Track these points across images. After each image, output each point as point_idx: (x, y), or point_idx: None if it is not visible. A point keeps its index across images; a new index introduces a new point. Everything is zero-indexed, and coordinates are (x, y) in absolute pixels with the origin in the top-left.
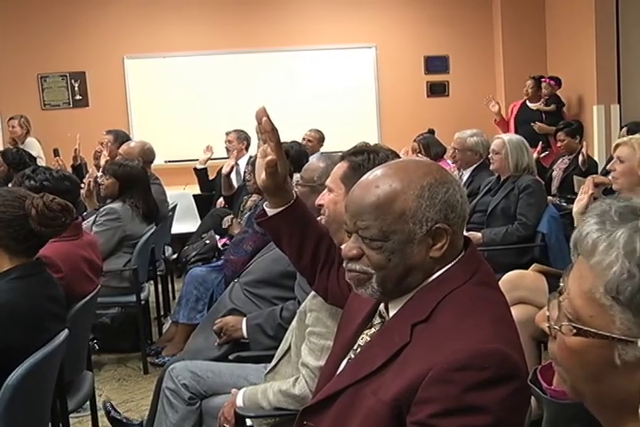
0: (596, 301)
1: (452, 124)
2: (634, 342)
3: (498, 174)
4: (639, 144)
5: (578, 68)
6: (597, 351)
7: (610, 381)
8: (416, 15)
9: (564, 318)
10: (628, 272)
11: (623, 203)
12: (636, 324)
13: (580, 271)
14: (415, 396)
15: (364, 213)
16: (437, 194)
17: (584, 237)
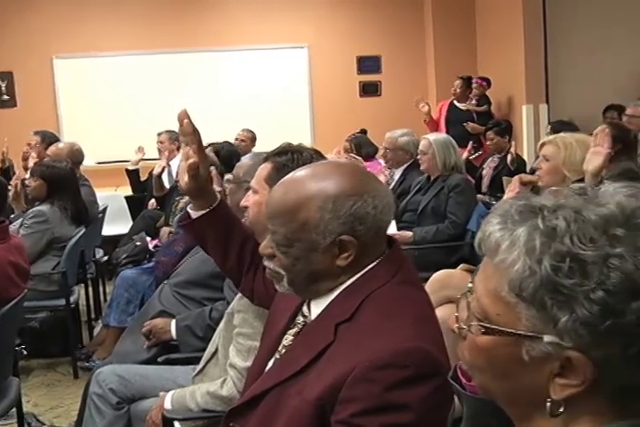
0: (502, 299)
1: (385, 124)
2: (540, 338)
3: (428, 174)
4: (564, 143)
5: (507, 69)
6: (506, 349)
7: (518, 377)
8: (348, 15)
9: (473, 318)
10: (529, 269)
11: (523, 202)
12: (540, 320)
13: (485, 271)
14: (339, 395)
15: (273, 218)
16: (343, 207)
17: (487, 236)
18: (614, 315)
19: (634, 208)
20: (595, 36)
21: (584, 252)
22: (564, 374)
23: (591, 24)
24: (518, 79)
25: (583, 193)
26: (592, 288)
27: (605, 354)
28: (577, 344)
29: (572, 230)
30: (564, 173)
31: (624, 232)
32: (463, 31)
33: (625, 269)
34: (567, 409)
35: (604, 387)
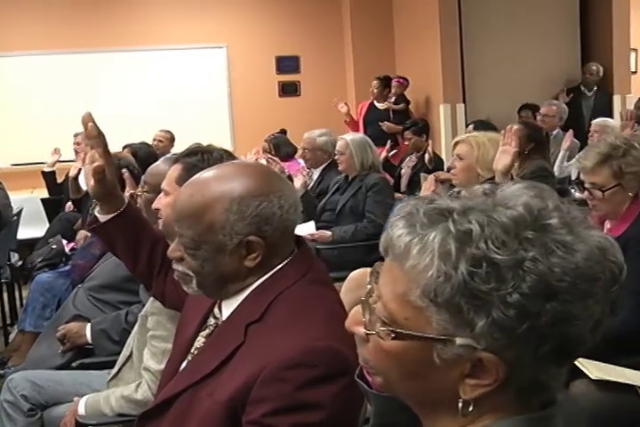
0: (411, 303)
1: (304, 124)
2: (452, 341)
3: (346, 173)
4: (476, 142)
5: (424, 69)
6: (416, 353)
7: (428, 379)
8: (266, 15)
9: (378, 322)
10: (444, 275)
11: (431, 205)
12: (453, 323)
13: (392, 274)
14: (250, 395)
15: (180, 221)
16: (248, 208)
17: (395, 240)
18: (530, 317)
19: (540, 209)
20: (510, 36)
21: (499, 256)
22: (475, 375)
23: (507, 25)
24: (435, 79)
25: (489, 194)
26: (508, 292)
27: (518, 354)
28: (491, 346)
29: (486, 235)
30: (477, 171)
31: (534, 234)
32: (381, 31)
33: (539, 271)
34: (475, 407)
35: (512, 384)
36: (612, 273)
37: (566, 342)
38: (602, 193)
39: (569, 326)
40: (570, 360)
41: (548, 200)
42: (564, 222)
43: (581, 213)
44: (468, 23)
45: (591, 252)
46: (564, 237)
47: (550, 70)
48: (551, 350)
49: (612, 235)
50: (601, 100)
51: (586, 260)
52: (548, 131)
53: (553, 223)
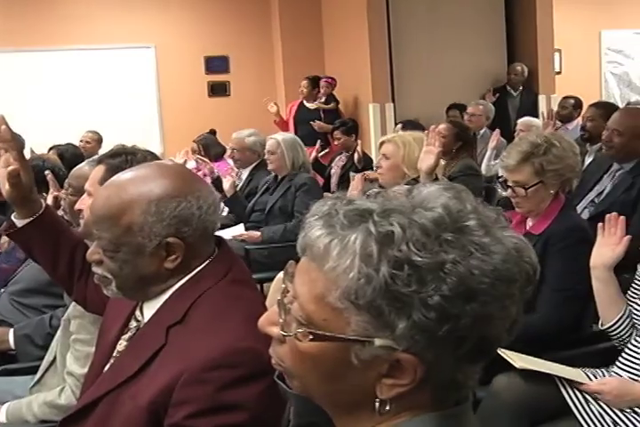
0: (330, 304)
1: (234, 124)
2: (371, 342)
3: (275, 173)
4: (402, 141)
5: (353, 69)
6: (334, 354)
7: (345, 379)
8: (195, 16)
9: (295, 322)
10: (366, 277)
11: (350, 206)
12: (373, 325)
13: (309, 275)
14: (171, 398)
15: (97, 223)
16: (166, 209)
17: (314, 240)
18: (450, 319)
19: (458, 210)
20: (438, 37)
21: (420, 259)
22: (393, 375)
23: (435, 26)
24: (364, 79)
25: (407, 195)
26: (429, 294)
27: (437, 355)
28: (411, 347)
29: (408, 237)
30: (403, 170)
31: (454, 236)
32: (310, 31)
33: (459, 273)
34: (392, 406)
35: (429, 383)
36: (527, 274)
37: (484, 342)
38: (524, 191)
39: (487, 327)
40: (485, 359)
41: (465, 201)
42: (481, 224)
43: (495, 214)
44: (396, 23)
45: (508, 253)
46: (482, 239)
47: (477, 71)
48: (469, 350)
49: (534, 232)
50: (526, 100)
51: (503, 261)
52: (475, 130)
53: (471, 225)
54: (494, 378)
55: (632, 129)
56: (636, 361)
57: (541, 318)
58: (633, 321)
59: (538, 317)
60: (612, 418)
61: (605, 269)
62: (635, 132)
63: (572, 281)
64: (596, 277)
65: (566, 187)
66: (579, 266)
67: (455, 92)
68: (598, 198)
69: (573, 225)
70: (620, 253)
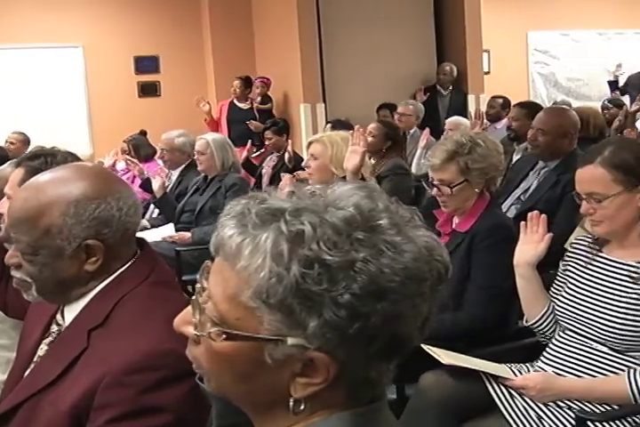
0: (243, 304)
1: (165, 125)
2: (283, 342)
3: (205, 174)
4: (330, 141)
5: (284, 69)
6: (247, 353)
7: (259, 379)
8: (124, 15)
9: (209, 322)
10: (277, 276)
11: (263, 205)
12: (286, 324)
13: (222, 275)
14: (93, 402)
15: (15, 226)
16: (85, 211)
17: (226, 240)
18: (361, 317)
19: (370, 209)
20: (369, 37)
21: (331, 257)
22: (306, 374)
23: (364, 26)
24: (295, 79)
25: (320, 195)
26: (340, 293)
27: (349, 353)
28: (323, 346)
29: (318, 236)
30: (332, 170)
31: (365, 235)
32: (240, 31)
33: (369, 272)
34: (307, 405)
35: (342, 382)
36: (439, 273)
37: (396, 340)
38: (450, 189)
39: (398, 325)
40: (398, 358)
41: (377, 201)
42: (393, 223)
43: (409, 213)
44: (326, 24)
45: (419, 252)
46: (394, 238)
47: (408, 71)
48: (381, 348)
49: (460, 230)
50: (456, 100)
51: (414, 260)
52: (405, 130)
53: (383, 224)
54: (421, 376)
55: (556, 128)
56: (560, 356)
57: (468, 315)
58: (556, 317)
59: (464, 314)
60: (536, 413)
61: (528, 266)
62: (558, 132)
63: (497, 279)
64: (520, 274)
65: (491, 185)
66: (503, 264)
67: (386, 92)
68: (524, 196)
69: (498, 223)
70: (543, 250)
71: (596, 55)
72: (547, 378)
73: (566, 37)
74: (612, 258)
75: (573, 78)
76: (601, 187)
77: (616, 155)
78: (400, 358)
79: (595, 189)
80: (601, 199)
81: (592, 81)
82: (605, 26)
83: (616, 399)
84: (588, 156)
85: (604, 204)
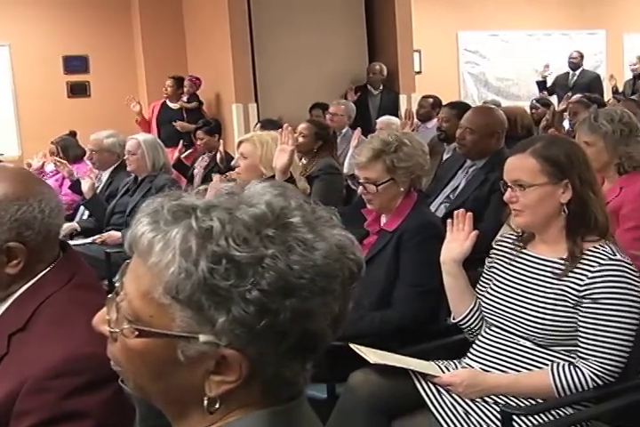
0: (155, 300)
1: (96, 126)
2: (196, 338)
3: (135, 175)
4: (260, 141)
5: (216, 69)
6: (160, 350)
7: (174, 377)
8: (53, 14)
9: (124, 320)
10: (185, 271)
11: (175, 201)
12: (196, 320)
13: (136, 272)
14: (14, 408)
15: None
16: (6, 213)
17: (139, 237)
18: (270, 314)
19: (282, 207)
20: (299, 37)
21: (239, 253)
22: (220, 371)
23: (296, 26)
24: (227, 79)
25: (234, 193)
26: (248, 289)
27: (260, 350)
28: (234, 343)
29: (227, 231)
30: (261, 169)
31: (275, 232)
32: (172, 31)
33: (278, 268)
34: (222, 404)
35: (256, 380)
36: (351, 271)
37: (307, 337)
38: (375, 187)
39: (308, 323)
40: (312, 356)
41: (290, 199)
42: (305, 221)
43: (327, 213)
44: (258, 24)
45: (330, 250)
46: (305, 235)
47: (339, 70)
48: (293, 345)
49: (388, 228)
50: (387, 99)
51: (325, 257)
52: (337, 129)
53: (294, 221)
54: (350, 374)
55: (483, 127)
56: (486, 352)
57: (397, 313)
58: (482, 314)
59: (394, 312)
60: (463, 409)
61: (454, 263)
62: (486, 131)
63: (425, 276)
64: (447, 271)
65: (416, 184)
66: (431, 261)
67: (318, 92)
68: (453, 194)
69: (425, 221)
70: (468, 248)
71: (524, 56)
72: (473, 374)
73: (496, 38)
74: (536, 255)
75: (503, 78)
76: (527, 175)
77: (547, 148)
78: (315, 357)
79: (521, 176)
80: (525, 187)
81: (521, 81)
82: (534, 27)
83: (541, 393)
84: (520, 146)
85: (527, 191)
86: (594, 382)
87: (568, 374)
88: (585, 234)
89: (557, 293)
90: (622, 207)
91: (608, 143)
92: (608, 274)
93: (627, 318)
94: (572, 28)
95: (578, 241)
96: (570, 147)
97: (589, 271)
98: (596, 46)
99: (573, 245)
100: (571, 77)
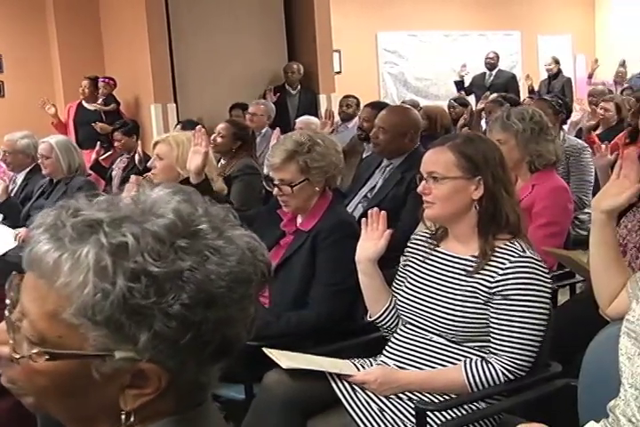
0: (64, 321)
1: (10, 127)
2: (111, 356)
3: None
4: (176, 141)
5: (134, 69)
6: (73, 371)
7: (87, 395)
8: None
9: (26, 342)
10: (102, 291)
11: (79, 217)
12: (113, 339)
13: (39, 292)
14: None
15: None
16: None
17: (42, 256)
18: (193, 326)
19: (189, 214)
20: (218, 37)
21: (157, 269)
22: (136, 385)
23: (215, 26)
24: (145, 79)
25: (137, 202)
26: (169, 304)
27: (181, 362)
28: (155, 357)
29: (142, 247)
30: (177, 170)
31: (188, 242)
32: (88, 31)
33: (197, 280)
34: (137, 416)
35: (173, 390)
36: (263, 273)
37: (225, 343)
38: (291, 188)
39: (229, 329)
40: (227, 360)
41: (196, 204)
42: (213, 226)
43: (223, 211)
44: (176, 23)
45: (243, 254)
46: (216, 242)
47: (259, 70)
48: (212, 352)
49: (303, 228)
50: (305, 99)
51: (239, 263)
52: (257, 129)
53: (203, 228)
54: (265, 374)
55: (395, 127)
56: (401, 349)
57: (314, 313)
58: (398, 311)
59: (310, 312)
60: (378, 406)
61: (369, 262)
62: (399, 130)
63: (340, 275)
64: (362, 270)
65: (331, 184)
66: (347, 260)
67: (237, 92)
68: (371, 194)
69: (340, 221)
70: (383, 246)
71: (442, 56)
72: (387, 372)
73: (414, 38)
74: (449, 252)
75: (422, 78)
76: (442, 167)
77: (465, 144)
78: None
79: (436, 168)
80: (439, 179)
81: (440, 81)
82: (451, 27)
83: (454, 389)
84: (440, 140)
85: (440, 183)
86: (505, 377)
87: (480, 370)
88: (496, 232)
89: (469, 290)
90: (534, 205)
91: (519, 141)
92: (518, 271)
93: (536, 314)
94: (489, 29)
95: (489, 239)
96: (487, 146)
97: (500, 268)
98: (512, 47)
99: (485, 242)
100: (487, 77)
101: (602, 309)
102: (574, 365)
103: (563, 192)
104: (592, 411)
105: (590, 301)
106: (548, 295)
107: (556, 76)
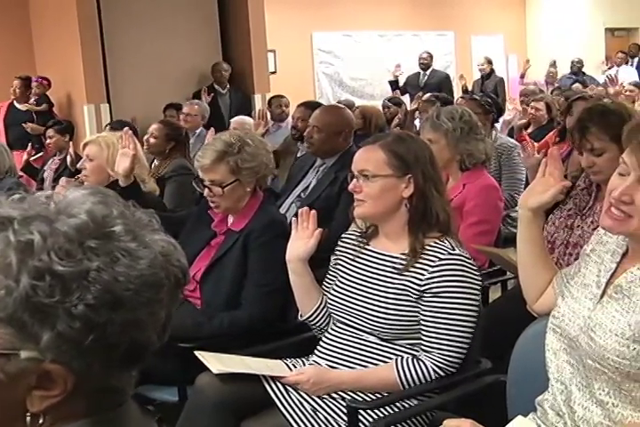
0: None
1: None
2: (16, 355)
3: None
4: (106, 142)
5: (66, 69)
6: None
7: None
8: None
9: None
10: (6, 289)
11: None
12: (17, 338)
13: None
14: None
15: None
16: None
17: None
18: (96, 328)
19: (104, 216)
20: (153, 36)
21: (63, 268)
22: (43, 386)
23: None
24: (78, 79)
25: (52, 202)
26: (74, 304)
27: (87, 363)
28: (59, 358)
29: (49, 245)
30: (108, 171)
31: (98, 243)
32: (17, 30)
33: (104, 281)
34: (45, 418)
35: (82, 392)
36: (176, 278)
37: (134, 347)
38: (221, 189)
39: (137, 333)
40: (139, 364)
41: (112, 206)
42: (128, 229)
43: (147, 216)
44: (108, 22)
45: (155, 258)
46: (129, 245)
47: (194, 69)
48: (120, 356)
49: (234, 229)
50: (235, 98)
51: (150, 267)
52: (191, 130)
53: (117, 230)
54: (197, 376)
55: (330, 126)
56: (332, 348)
57: (246, 314)
58: (329, 310)
59: (242, 313)
60: (311, 405)
61: (300, 261)
62: (333, 129)
63: (271, 275)
64: (292, 269)
65: (262, 184)
66: (278, 260)
67: (171, 92)
68: (304, 193)
69: (271, 220)
70: (313, 246)
71: (377, 56)
72: (319, 371)
73: (349, 38)
74: (379, 250)
75: (357, 78)
76: (373, 166)
77: (396, 143)
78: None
79: (367, 166)
80: (369, 177)
81: (375, 81)
82: (385, 27)
83: (386, 387)
84: (371, 139)
85: (371, 181)
86: (436, 374)
87: (412, 367)
88: (427, 230)
89: (399, 287)
90: (465, 203)
91: (449, 141)
92: (447, 268)
93: (466, 311)
94: (423, 29)
95: (419, 237)
96: (418, 145)
97: (429, 266)
98: (446, 47)
99: (415, 240)
100: (422, 77)
101: (529, 304)
102: (505, 361)
103: (493, 191)
104: (520, 406)
105: (520, 298)
106: (477, 293)
107: (488, 75)
